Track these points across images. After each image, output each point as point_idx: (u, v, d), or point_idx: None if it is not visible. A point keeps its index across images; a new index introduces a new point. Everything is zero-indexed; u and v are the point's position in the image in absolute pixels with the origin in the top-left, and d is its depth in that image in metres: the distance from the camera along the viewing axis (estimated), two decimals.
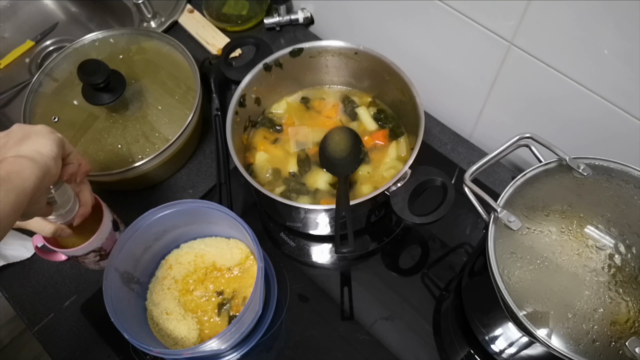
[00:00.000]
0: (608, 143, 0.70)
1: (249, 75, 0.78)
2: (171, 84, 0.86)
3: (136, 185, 0.87)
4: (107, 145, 0.81)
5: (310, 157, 0.81)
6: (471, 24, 0.73)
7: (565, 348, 0.51)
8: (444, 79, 0.86)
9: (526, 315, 0.52)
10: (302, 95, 0.87)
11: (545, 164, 0.60)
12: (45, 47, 1.13)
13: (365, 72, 0.82)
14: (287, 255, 0.81)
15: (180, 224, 0.74)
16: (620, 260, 0.53)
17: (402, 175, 0.67)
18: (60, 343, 0.76)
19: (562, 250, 0.54)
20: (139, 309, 0.73)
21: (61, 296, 0.79)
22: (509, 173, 0.85)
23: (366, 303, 0.77)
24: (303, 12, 1.02)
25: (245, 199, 0.86)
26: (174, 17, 1.05)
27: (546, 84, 0.71)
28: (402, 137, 0.81)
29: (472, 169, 0.60)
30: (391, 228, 0.83)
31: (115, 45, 0.90)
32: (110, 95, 0.79)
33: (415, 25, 0.82)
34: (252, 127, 0.84)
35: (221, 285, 0.74)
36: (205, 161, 0.91)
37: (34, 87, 0.85)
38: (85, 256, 0.73)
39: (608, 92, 0.65)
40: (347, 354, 0.73)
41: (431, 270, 0.79)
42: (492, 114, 0.84)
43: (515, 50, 0.70)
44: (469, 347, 0.73)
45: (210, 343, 0.63)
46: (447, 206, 0.65)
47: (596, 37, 0.61)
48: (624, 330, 0.51)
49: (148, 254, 0.74)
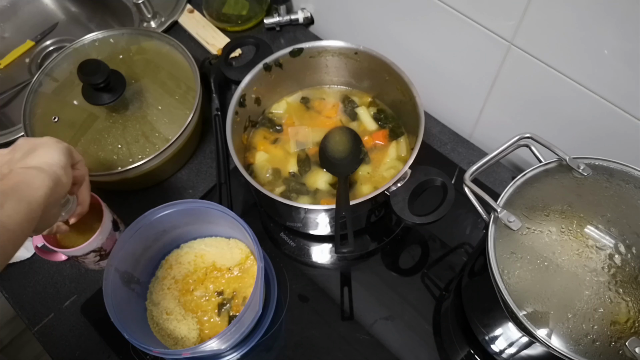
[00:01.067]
0: (608, 143, 0.70)
1: (249, 75, 0.78)
2: (171, 84, 0.86)
3: (136, 185, 0.87)
4: (107, 145, 0.81)
5: (310, 157, 0.81)
6: (471, 24, 0.73)
7: (565, 348, 0.51)
8: (444, 79, 0.86)
9: (526, 315, 0.52)
10: (302, 95, 0.87)
11: (545, 164, 0.60)
12: (45, 47, 1.13)
13: (365, 72, 0.82)
14: (287, 255, 0.81)
15: (180, 224, 0.74)
16: (620, 260, 0.53)
17: (402, 175, 0.67)
18: (60, 343, 0.76)
19: (562, 250, 0.54)
20: (139, 309, 0.73)
21: (61, 296, 0.79)
22: (509, 173, 0.85)
23: (366, 303, 0.77)
24: (303, 12, 1.03)
25: (245, 199, 0.86)
26: (174, 17, 1.05)
27: (546, 84, 0.71)
28: (402, 137, 0.81)
29: (472, 169, 0.60)
30: (391, 228, 0.83)
31: (115, 45, 0.90)
32: (110, 95, 0.79)
33: (416, 25, 0.82)
34: (252, 127, 0.84)
35: (221, 285, 0.74)
36: (205, 161, 0.91)
37: (34, 87, 0.85)
38: (85, 256, 0.73)
39: (608, 92, 0.65)
40: (347, 354, 0.73)
41: (431, 270, 0.79)
42: (492, 114, 0.84)
43: (515, 50, 0.70)
44: (469, 347, 0.73)
45: (210, 343, 0.63)
46: (447, 206, 0.65)
47: (596, 37, 0.61)
48: (624, 330, 0.51)
49: (148, 254, 0.74)
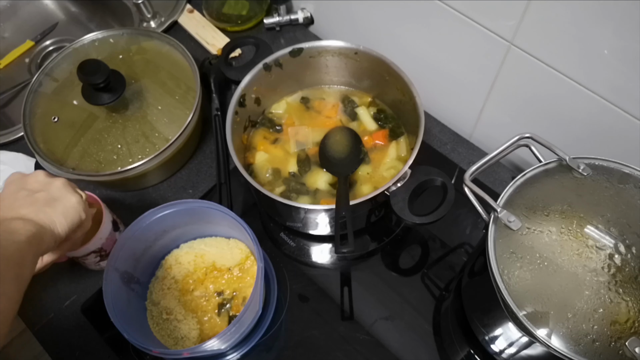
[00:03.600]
0: (608, 143, 0.70)
1: (249, 75, 0.78)
2: (171, 84, 0.86)
3: (136, 185, 0.87)
4: (107, 145, 0.81)
5: (310, 157, 0.81)
6: (471, 24, 0.73)
7: (565, 348, 0.51)
8: (444, 79, 0.86)
9: (526, 315, 0.52)
10: (302, 95, 0.87)
11: (545, 164, 0.60)
12: (45, 47, 1.13)
13: (365, 72, 0.82)
14: (287, 255, 0.81)
15: (180, 224, 0.74)
16: (620, 260, 0.53)
17: (402, 175, 0.67)
18: (60, 343, 0.76)
19: (562, 250, 0.54)
20: (139, 309, 0.73)
21: (61, 296, 0.79)
22: (509, 173, 0.85)
23: (366, 303, 0.77)
24: (303, 12, 1.02)
25: (245, 199, 0.86)
26: (174, 17, 1.05)
27: (546, 84, 0.71)
28: (402, 137, 0.81)
29: (472, 169, 0.60)
30: (391, 228, 0.83)
31: (115, 45, 0.89)
32: (110, 95, 0.79)
33: (416, 25, 0.82)
34: (252, 127, 0.84)
35: (221, 285, 0.74)
36: (205, 161, 0.91)
37: (34, 87, 0.85)
38: (86, 257, 0.73)
39: (608, 92, 0.65)
40: (347, 354, 0.73)
41: (431, 270, 0.79)
42: (492, 114, 0.84)
43: (515, 50, 0.70)
44: (469, 347, 0.73)
45: (210, 343, 0.63)
46: (447, 206, 0.65)
47: (596, 37, 0.60)
48: (624, 330, 0.51)
49: (148, 254, 0.74)
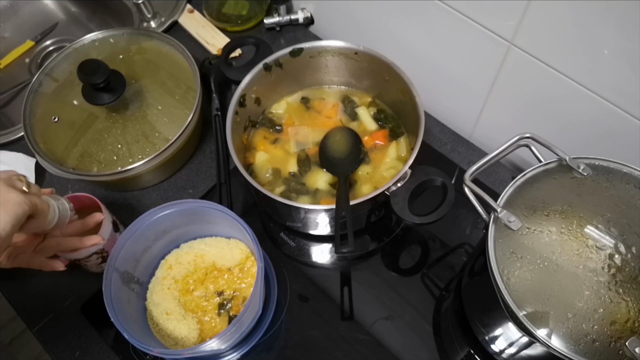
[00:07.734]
0: (608, 143, 0.70)
1: (249, 75, 0.78)
2: (171, 84, 0.86)
3: (137, 185, 0.87)
4: (107, 145, 0.81)
5: (310, 157, 0.81)
6: (471, 24, 0.73)
7: (565, 348, 0.51)
8: (444, 79, 0.86)
9: (526, 315, 0.52)
10: (302, 95, 0.87)
11: (545, 164, 0.60)
12: (45, 47, 1.13)
13: (365, 72, 0.82)
14: (287, 255, 0.81)
15: (180, 224, 0.74)
16: (620, 260, 0.53)
17: (402, 175, 0.67)
18: (60, 343, 0.76)
19: (562, 250, 0.54)
20: (139, 309, 0.73)
21: (61, 296, 0.79)
22: (509, 173, 0.85)
23: (366, 303, 0.77)
24: (303, 12, 1.02)
25: (245, 199, 0.86)
26: (174, 17, 1.05)
27: (546, 84, 0.71)
28: (402, 137, 0.81)
29: (472, 169, 0.60)
30: (391, 228, 0.83)
31: (115, 45, 0.89)
32: (110, 95, 0.79)
33: (416, 25, 0.82)
34: (252, 127, 0.84)
35: (221, 285, 0.74)
36: (205, 161, 0.91)
37: (34, 87, 0.85)
38: (88, 259, 0.73)
39: (608, 92, 0.65)
40: (347, 354, 0.73)
41: (431, 270, 0.79)
42: (492, 114, 0.84)
43: (515, 50, 0.70)
44: (469, 347, 0.73)
45: (210, 343, 0.63)
46: (447, 206, 0.65)
47: (596, 37, 0.60)
48: (624, 330, 0.51)
49: (148, 254, 0.74)
